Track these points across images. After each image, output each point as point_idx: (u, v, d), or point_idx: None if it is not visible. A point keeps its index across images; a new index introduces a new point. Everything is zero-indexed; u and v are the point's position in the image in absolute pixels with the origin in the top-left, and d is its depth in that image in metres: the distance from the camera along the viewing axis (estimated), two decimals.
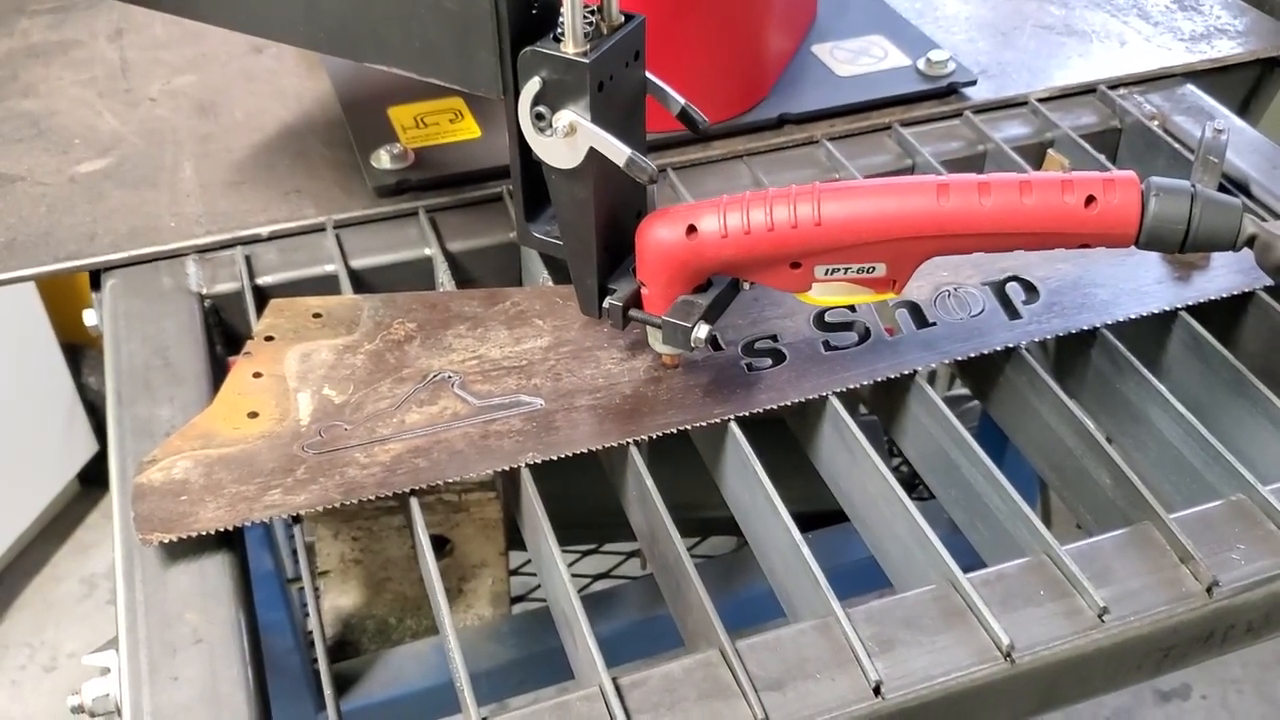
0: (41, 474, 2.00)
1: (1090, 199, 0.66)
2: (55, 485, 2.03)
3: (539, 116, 0.63)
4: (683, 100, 0.69)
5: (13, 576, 2.01)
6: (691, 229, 0.66)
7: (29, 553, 2.03)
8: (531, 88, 0.62)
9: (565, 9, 0.60)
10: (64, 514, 2.08)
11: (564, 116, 0.62)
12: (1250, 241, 0.68)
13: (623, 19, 0.64)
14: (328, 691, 0.61)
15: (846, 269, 0.68)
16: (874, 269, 0.68)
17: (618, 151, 0.62)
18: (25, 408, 1.90)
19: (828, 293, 0.69)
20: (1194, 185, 0.67)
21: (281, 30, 0.75)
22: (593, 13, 0.62)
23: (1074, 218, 0.66)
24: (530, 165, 0.67)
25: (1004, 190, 0.66)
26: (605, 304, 0.70)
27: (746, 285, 0.71)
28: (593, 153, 0.63)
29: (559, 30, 0.61)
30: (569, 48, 0.61)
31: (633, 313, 0.69)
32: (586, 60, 0.61)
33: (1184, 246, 0.67)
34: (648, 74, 0.67)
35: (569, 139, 0.62)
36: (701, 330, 0.68)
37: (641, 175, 0.63)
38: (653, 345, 0.72)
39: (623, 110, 0.65)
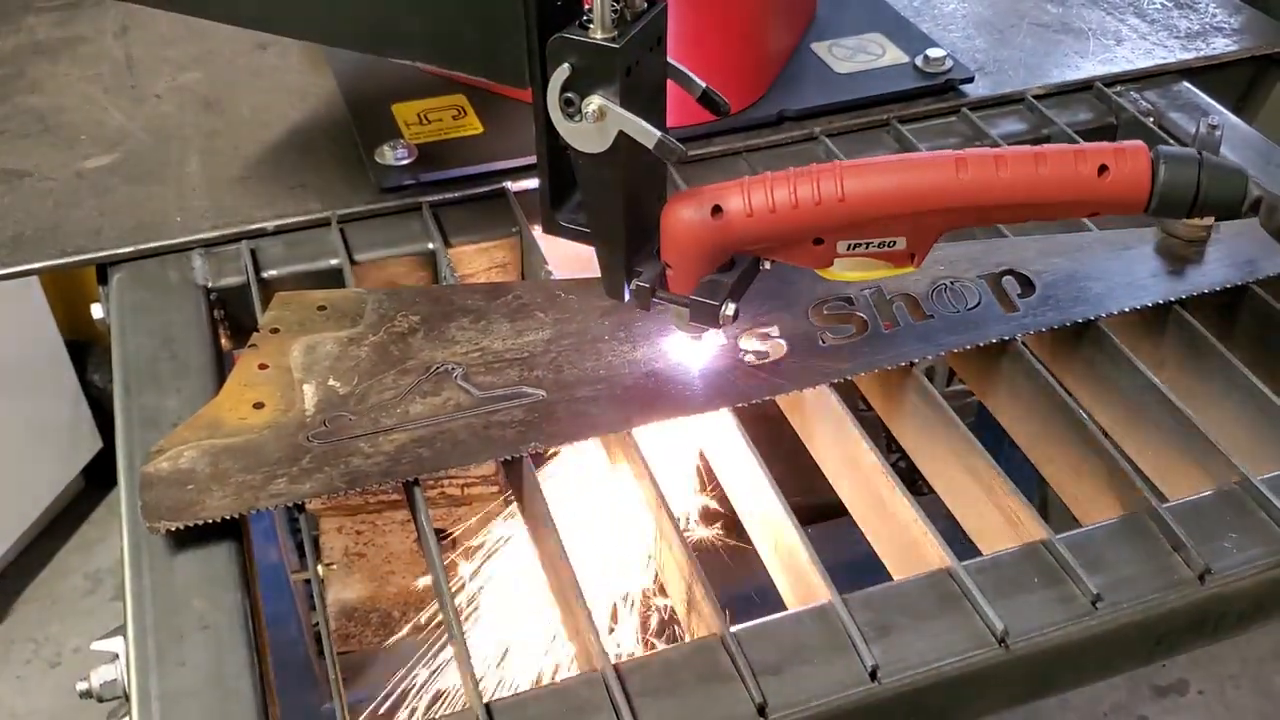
0: (46, 471, 2.01)
1: (1103, 168, 0.67)
2: (60, 482, 2.04)
3: (568, 103, 0.64)
4: (703, 83, 0.70)
5: (18, 572, 2.02)
6: (717, 209, 0.67)
7: (34, 549, 2.04)
8: (560, 74, 0.63)
9: None
10: (69, 510, 2.09)
11: (593, 102, 0.63)
12: (1256, 205, 0.69)
13: (646, 5, 0.65)
14: (334, 678, 0.62)
15: (868, 244, 0.69)
16: (895, 243, 0.70)
17: (648, 134, 0.63)
18: (30, 405, 1.91)
19: (849, 268, 0.71)
20: (1200, 152, 0.68)
21: (302, 27, 0.76)
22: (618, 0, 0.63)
23: (1087, 186, 0.68)
24: (556, 153, 0.68)
25: (1019, 162, 0.68)
26: (632, 286, 0.70)
27: (766, 264, 0.72)
28: (621, 137, 0.64)
29: (586, 17, 0.62)
30: (598, 34, 0.62)
31: (659, 294, 0.70)
32: (616, 45, 0.62)
33: (1192, 211, 0.68)
34: (669, 59, 0.68)
35: (599, 124, 0.63)
36: (729, 308, 0.69)
37: (671, 156, 0.64)
38: (677, 325, 0.72)
39: (647, 94, 0.66)
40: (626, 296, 0.71)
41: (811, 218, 0.68)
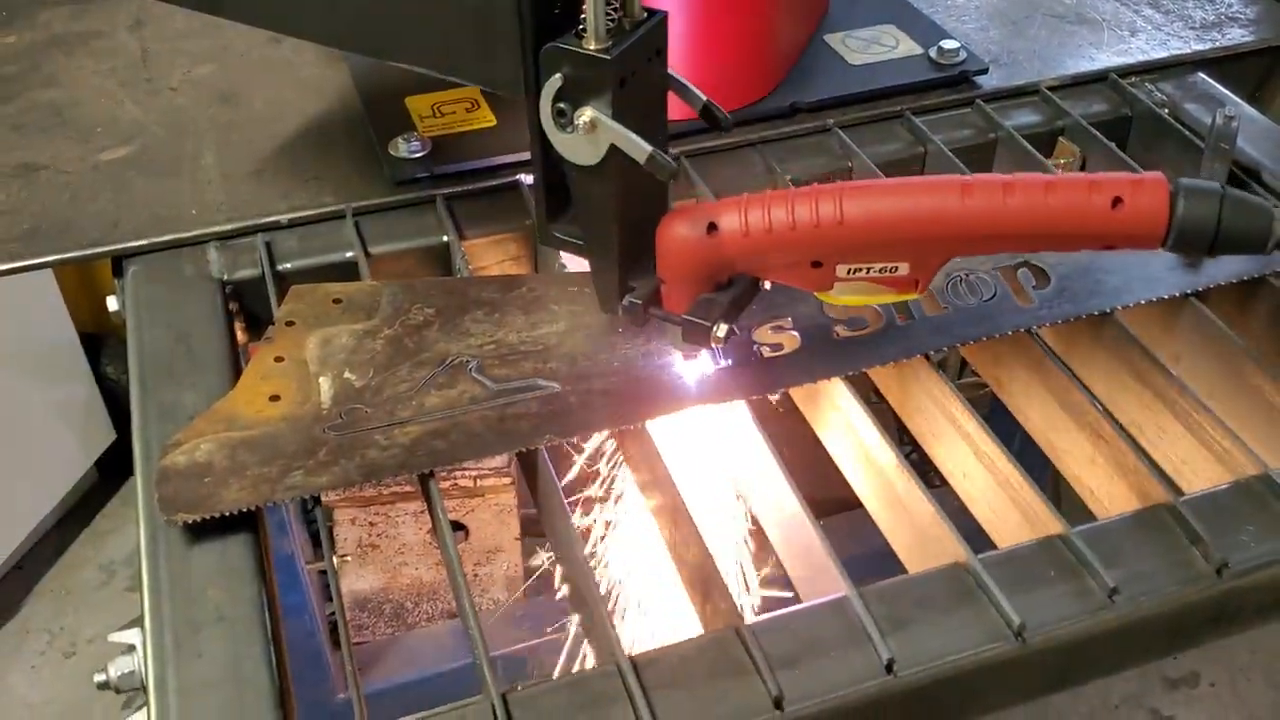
0: (60, 462, 2.01)
1: (1117, 200, 0.64)
2: (74, 473, 2.04)
3: (560, 113, 0.63)
4: (705, 97, 0.68)
5: (32, 563, 2.02)
6: (713, 227, 0.66)
7: (48, 540, 2.05)
8: (553, 84, 0.62)
9: (588, 5, 0.60)
10: (83, 502, 2.09)
11: (585, 113, 0.62)
12: None
13: (645, 15, 0.63)
14: (349, 669, 0.62)
15: (869, 268, 0.67)
16: (896, 269, 0.67)
17: (639, 149, 0.62)
18: (44, 397, 1.92)
19: (849, 292, 0.69)
20: (1223, 186, 0.65)
21: (304, 27, 0.75)
22: (615, 9, 0.62)
23: (1100, 219, 0.64)
24: (552, 164, 0.67)
25: (1028, 190, 0.65)
26: (625, 302, 0.69)
27: (766, 284, 0.71)
28: (614, 149, 0.62)
29: (581, 27, 0.61)
30: (591, 44, 0.61)
31: (652, 311, 0.69)
32: (608, 56, 0.60)
33: (1213, 249, 0.65)
34: (669, 70, 0.67)
35: (590, 136, 0.62)
36: (721, 329, 0.67)
37: (662, 172, 0.62)
38: (672, 344, 0.72)
39: (644, 107, 0.65)
40: (619, 312, 0.70)
41: (809, 240, 0.66)
